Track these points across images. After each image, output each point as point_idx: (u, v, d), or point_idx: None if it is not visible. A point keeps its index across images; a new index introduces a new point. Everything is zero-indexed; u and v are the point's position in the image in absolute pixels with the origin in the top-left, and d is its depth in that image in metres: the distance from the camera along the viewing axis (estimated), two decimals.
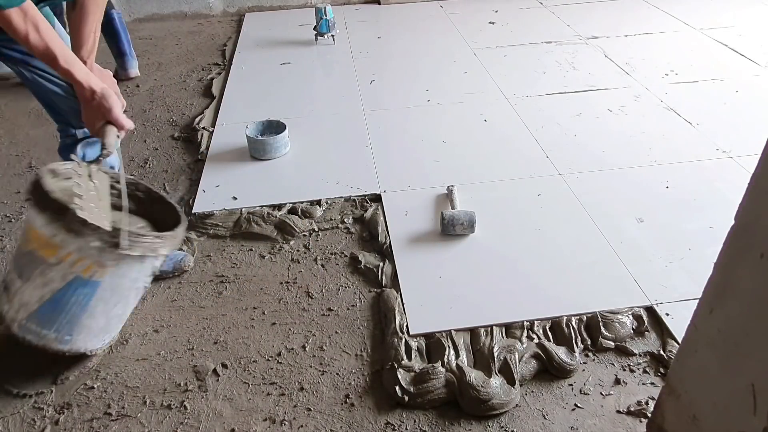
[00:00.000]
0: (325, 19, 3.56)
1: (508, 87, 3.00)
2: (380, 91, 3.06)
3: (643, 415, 1.40)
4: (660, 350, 1.56)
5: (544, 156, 2.42)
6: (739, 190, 0.90)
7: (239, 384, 1.54)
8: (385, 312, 1.71)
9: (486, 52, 3.45)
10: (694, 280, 1.75)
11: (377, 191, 2.24)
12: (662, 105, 2.78)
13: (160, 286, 1.86)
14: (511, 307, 1.69)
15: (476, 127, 2.66)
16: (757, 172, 0.87)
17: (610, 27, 3.74)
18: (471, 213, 1.96)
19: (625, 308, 1.67)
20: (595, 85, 3.00)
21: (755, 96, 2.83)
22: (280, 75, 3.28)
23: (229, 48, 3.72)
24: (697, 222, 2.00)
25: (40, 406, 1.49)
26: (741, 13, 3.84)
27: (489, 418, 1.42)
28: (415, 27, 3.92)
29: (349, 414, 1.45)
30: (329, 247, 2.00)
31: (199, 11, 4.34)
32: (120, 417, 1.46)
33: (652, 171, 2.30)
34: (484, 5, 4.23)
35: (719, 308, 0.99)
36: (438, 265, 1.87)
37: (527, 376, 1.52)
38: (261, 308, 1.77)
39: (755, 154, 1.45)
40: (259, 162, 2.47)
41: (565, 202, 2.14)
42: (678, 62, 3.20)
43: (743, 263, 0.92)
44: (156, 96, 3.08)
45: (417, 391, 1.46)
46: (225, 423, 1.44)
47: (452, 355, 1.55)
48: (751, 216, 0.90)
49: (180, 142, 2.69)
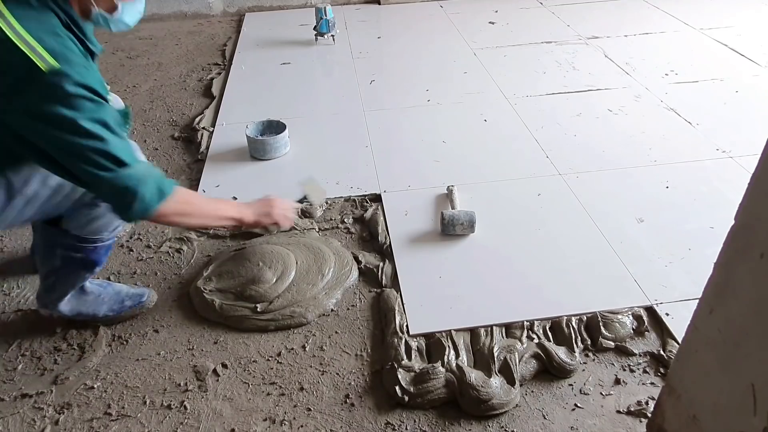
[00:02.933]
0: (325, 19, 3.56)
1: (508, 87, 3.00)
2: (380, 91, 3.06)
3: (643, 415, 1.40)
4: (660, 350, 1.56)
5: (544, 156, 2.42)
6: (739, 190, 0.90)
7: (239, 384, 1.54)
8: (385, 312, 1.70)
9: (486, 52, 3.45)
10: (694, 280, 1.75)
11: (377, 191, 2.24)
12: (662, 105, 2.78)
13: (161, 286, 1.86)
14: (511, 307, 1.69)
15: (476, 127, 2.66)
16: (757, 172, 0.87)
17: (610, 27, 3.74)
18: (471, 213, 1.96)
19: (625, 308, 1.67)
20: (595, 85, 3.00)
21: (755, 96, 2.83)
22: (280, 75, 3.28)
23: (229, 48, 3.72)
24: (697, 222, 2.00)
25: (40, 406, 1.49)
26: (741, 13, 3.84)
27: (489, 418, 1.42)
28: (415, 27, 3.92)
29: (349, 414, 1.45)
30: None
31: (199, 11, 4.33)
32: (120, 417, 1.46)
33: (652, 171, 2.30)
34: (484, 5, 4.23)
35: (719, 308, 0.99)
36: (438, 265, 1.87)
37: (527, 376, 1.52)
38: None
39: (755, 154, 1.45)
40: (259, 162, 2.46)
41: (565, 202, 2.14)
42: (678, 62, 3.20)
43: (743, 263, 0.92)
44: (156, 96, 3.08)
45: (417, 391, 1.46)
46: (225, 423, 1.44)
47: (452, 355, 1.55)
48: (751, 216, 0.90)
49: (180, 142, 2.69)
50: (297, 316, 1.70)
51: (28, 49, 1.14)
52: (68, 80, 1.16)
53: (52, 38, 1.18)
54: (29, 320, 1.74)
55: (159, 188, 1.31)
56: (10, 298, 1.83)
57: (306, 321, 1.71)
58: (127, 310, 1.72)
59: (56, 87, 1.15)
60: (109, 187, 1.24)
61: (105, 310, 1.69)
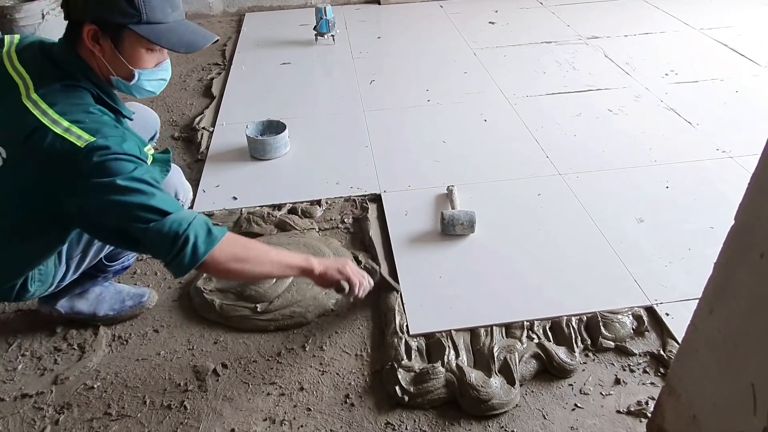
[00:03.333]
0: (325, 19, 3.56)
1: (508, 87, 3.00)
2: (380, 91, 3.06)
3: (643, 415, 1.40)
4: (660, 350, 1.56)
5: (544, 156, 2.42)
6: (739, 190, 0.90)
7: (239, 384, 1.54)
8: (384, 312, 1.70)
9: (486, 52, 3.45)
10: (694, 280, 1.75)
11: (377, 191, 2.24)
12: (662, 105, 2.78)
13: (161, 286, 1.86)
14: (511, 307, 1.69)
15: (476, 127, 2.66)
16: (757, 172, 0.87)
17: (610, 27, 3.74)
18: (471, 213, 1.96)
19: (625, 308, 1.67)
20: (595, 85, 2.99)
21: (755, 96, 2.83)
22: (280, 75, 3.28)
23: (229, 48, 3.72)
24: (697, 222, 2.00)
25: (40, 406, 1.49)
26: (741, 13, 3.84)
27: (489, 418, 1.42)
28: (415, 27, 3.92)
29: (349, 414, 1.45)
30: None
31: (199, 11, 4.33)
32: (120, 417, 1.46)
33: (652, 171, 2.29)
34: (484, 5, 4.23)
35: (719, 308, 0.99)
36: (438, 265, 1.87)
37: (527, 376, 1.52)
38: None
39: (755, 154, 1.45)
40: (259, 162, 2.46)
41: (565, 202, 2.14)
42: (678, 62, 3.20)
43: (743, 263, 0.92)
44: (156, 96, 3.07)
45: (417, 391, 1.46)
46: (225, 423, 1.44)
47: (452, 355, 1.55)
48: (751, 216, 0.90)
49: (180, 142, 2.69)
50: (297, 316, 1.70)
51: (64, 132, 1.15)
52: (106, 151, 1.16)
53: (86, 116, 1.20)
54: (29, 320, 1.74)
55: (209, 230, 1.24)
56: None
57: (306, 321, 1.70)
58: (127, 309, 1.72)
59: (95, 159, 1.16)
60: (158, 237, 1.18)
61: (106, 309, 1.70)
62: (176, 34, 1.28)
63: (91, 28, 1.22)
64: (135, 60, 1.28)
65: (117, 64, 1.27)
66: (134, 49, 1.27)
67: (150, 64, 1.33)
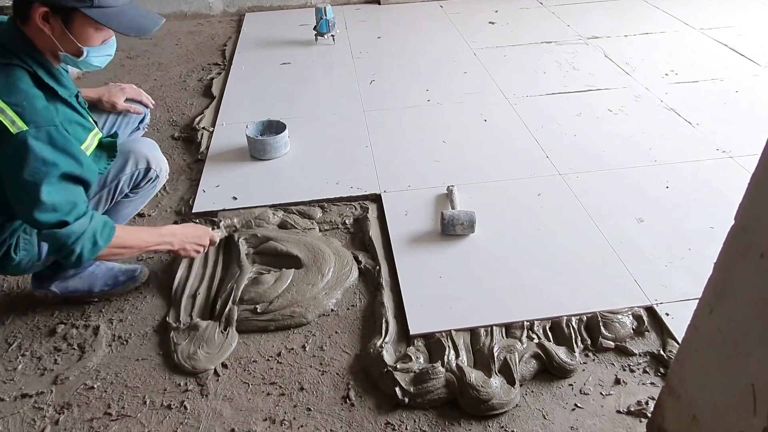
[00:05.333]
0: (325, 19, 3.56)
1: (508, 87, 3.00)
2: (380, 91, 3.06)
3: (643, 415, 1.40)
4: (660, 350, 1.56)
5: (544, 156, 2.42)
6: (739, 190, 0.90)
7: (239, 384, 1.54)
8: (375, 319, 1.69)
9: (486, 52, 3.45)
10: (694, 280, 1.75)
11: (377, 191, 2.24)
12: (662, 105, 2.78)
13: (161, 286, 1.86)
14: (511, 307, 1.69)
15: (476, 127, 2.66)
16: (757, 172, 0.87)
17: (610, 27, 3.74)
18: (471, 213, 1.96)
19: (625, 308, 1.67)
20: (595, 85, 3.00)
21: (755, 96, 2.83)
22: (280, 75, 3.28)
23: (229, 48, 3.72)
24: (697, 222, 2.00)
25: (40, 406, 1.49)
26: (741, 13, 3.84)
27: (489, 418, 1.42)
28: (415, 27, 3.92)
29: (349, 414, 1.45)
30: None
31: (199, 11, 4.33)
32: (120, 417, 1.46)
33: (652, 171, 2.29)
34: (484, 5, 4.23)
35: (719, 308, 0.99)
36: (438, 265, 1.87)
37: (527, 376, 1.52)
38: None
39: (755, 154, 1.45)
40: (259, 162, 2.46)
41: (565, 202, 2.14)
42: (678, 62, 3.20)
43: (743, 263, 0.92)
44: (156, 96, 3.07)
45: (417, 391, 1.46)
46: (225, 423, 1.44)
47: (452, 355, 1.55)
48: (751, 216, 0.90)
49: (180, 142, 2.69)
50: (297, 316, 1.70)
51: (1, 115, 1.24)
52: (35, 144, 1.26)
53: (23, 100, 1.27)
54: (29, 320, 1.74)
55: (95, 242, 1.40)
56: (10, 298, 1.83)
57: (306, 321, 1.70)
58: (120, 285, 1.77)
59: (21, 149, 1.25)
60: (51, 239, 1.36)
61: (100, 285, 1.75)
62: (126, 18, 1.35)
63: (43, 10, 1.27)
64: (84, 39, 1.35)
65: (66, 41, 1.34)
66: (84, 30, 1.34)
67: (98, 41, 1.40)
